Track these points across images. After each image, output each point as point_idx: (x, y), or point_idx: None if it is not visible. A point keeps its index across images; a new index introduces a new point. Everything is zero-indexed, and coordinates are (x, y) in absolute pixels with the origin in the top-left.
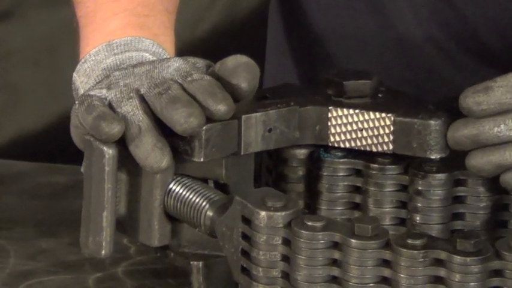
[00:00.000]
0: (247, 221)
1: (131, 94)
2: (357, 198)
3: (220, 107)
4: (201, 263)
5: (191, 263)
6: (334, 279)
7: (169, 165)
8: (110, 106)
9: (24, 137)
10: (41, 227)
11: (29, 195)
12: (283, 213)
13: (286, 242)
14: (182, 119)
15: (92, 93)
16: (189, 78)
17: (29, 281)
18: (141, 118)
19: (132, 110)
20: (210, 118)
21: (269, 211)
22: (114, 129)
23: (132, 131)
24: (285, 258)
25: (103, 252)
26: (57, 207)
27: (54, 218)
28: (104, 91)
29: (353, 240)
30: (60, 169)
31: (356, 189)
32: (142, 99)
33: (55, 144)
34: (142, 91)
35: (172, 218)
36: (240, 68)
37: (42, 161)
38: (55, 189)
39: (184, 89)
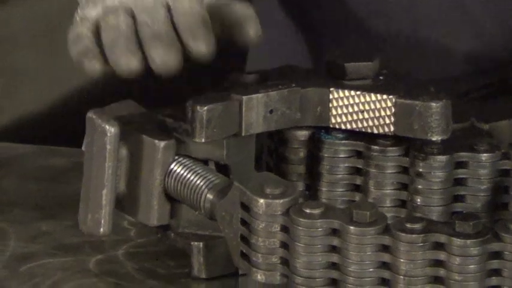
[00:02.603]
0: (246, 207)
1: (119, 11)
2: (358, 180)
3: (201, 46)
4: (201, 244)
5: (191, 243)
6: (333, 265)
7: (139, 69)
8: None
9: (25, 120)
10: (41, 210)
11: (29, 177)
12: (282, 200)
13: (285, 229)
14: (158, 60)
15: (84, 14)
16: (179, 5)
17: (30, 263)
18: (120, 24)
19: (116, 19)
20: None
21: (267, 199)
22: (95, 65)
23: (108, 33)
24: (284, 245)
25: (101, 230)
26: (58, 189)
27: (54, 201)
28: (95, 10)
29: (351, 227)
30: (60, 152)
31: (357, 171)
32: (130, 15)
33: (55, 127)
34: (131, 11)
35: (172, 199)
36: (248, 17)
37: (43, 144)
38: (55, 171)
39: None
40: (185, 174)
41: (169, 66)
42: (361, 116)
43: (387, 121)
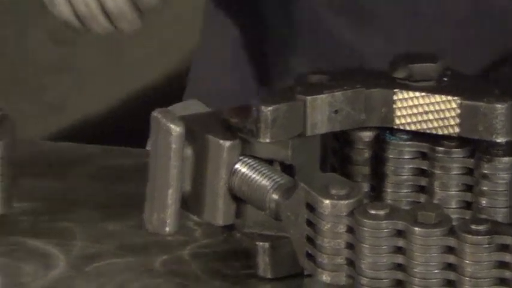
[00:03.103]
0: (311, 207)
1: None
2: (423, 181)
3: None
4: (267, 244)
5: (257, 243)
6: (398, 266)
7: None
8: None
9: (91, 120)
10: (107, 210)
11: (95, 178)
12: (347, 201)
13: (350, 229)
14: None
15: None
16: None
17: (96, 263)
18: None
19: None
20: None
21: (333, 199)
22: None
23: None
24: (350, 246)
25: (167, 229)
26: (123, 189)
27: (120, 201)
28: None
29: (416, 228)
30: (125, 152)
31: (422, 172)
32: None
33: (121, 127)
34: None
35: (238, 198)
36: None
37: (108, 144)
38: (121, 171)
39: None
40: (250, 174)
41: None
42: (425, 117)
43: (452, 122)
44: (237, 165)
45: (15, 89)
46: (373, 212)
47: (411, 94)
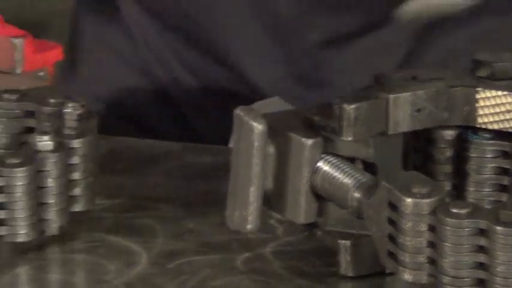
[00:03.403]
0: (393, 206)
1: None
2: (505, 180)
3: None
4: (349, 242)
5: (339, 242)
6: (480, 265)
7: None
8: None
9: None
10: (188, 207)
11: (177, 175)
12: (429, 200)
13: (432, 228)
14: None
15: None
16: None
17: (178, 260)
18: None
19: None
20: None
21: (415, 198)
22: None
23: None
24: (431, 245)
25: (248, 226)
26: (205, 187)
27: (201, 198)
28: None
29: (498, 227)
30: (208, 149)
31: (504, 171)
32: None
33: (204, 125)
34: None
35: (320, 196)
36: None
37: (191, 141)
38: (203, 169)
39: None
40: (332, 172)
41: None
42: (508, 116)
43: None
44: (319, 163)
45: None
46: (455, 210)
47: (494, 93)
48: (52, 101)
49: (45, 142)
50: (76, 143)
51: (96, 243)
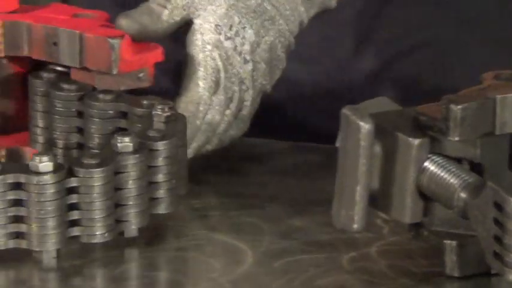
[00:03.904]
0: (499, 207)
1: None
2: None
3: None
4: (454, 243)
5: (444, 242)
6: None
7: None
8: None
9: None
10: (295, 206)
11: (284, 174)
12: None
13: None
14: None
15: None
16: None
17: (284, 259)
18: None
19: None
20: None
21: None
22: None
23: None
24: None
25: (355, 226)
26: (311, 186)
27: (308, 197)
28: None
29: None
30: (315, 148)
31: None
32: None
33: (311, 124)
34: None
35: (426, 196)
36: None
37: (298, 140)
38: (310, 168)
39: None
40: (439, 172)
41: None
42: None
43: None
44: (426, 163)
45: None
46: None
47: None
48: (144, 102)
49: (125, 143)
50: (160, 145)
51: (202, 241)
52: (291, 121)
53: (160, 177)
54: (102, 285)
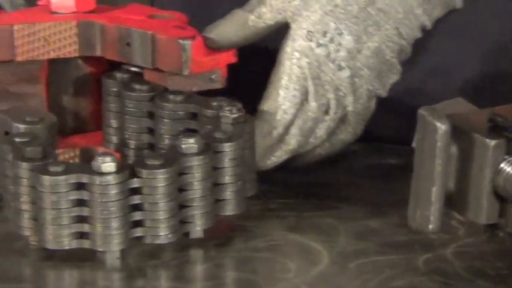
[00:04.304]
0: None
1: None
2: None
3: None
4: None
5: None
6: None
7: None
8: None
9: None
10: (370, 207)
11: (360, 175)
12: None
13: None
14: None
15: None
16: None
17: (359, 260)
18: None
19: None
20: None
21: None
22: None
23: None
24: None
25: (430, 226)
26: (387, 187)
27: (383, 198)
28: None
29: None
30: (391, 150)
31: None
32: None
33: (386, 126)
34: None
35: (501, 197)
36: None
37: (374, 142)
38: (386, 169)
39: None
40: None
41: None
42: None
43: None
44: (502, 165)
45: None
46: None
47: None
48: (214, 103)
49: (189, 145)
50: (226, 147)
51: (277, 241)
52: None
53: (226, 178)
54: (166, 286)
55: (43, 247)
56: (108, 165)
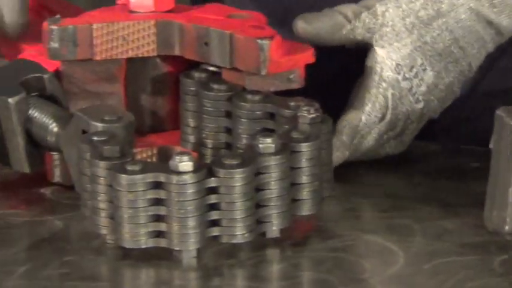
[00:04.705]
0: None
1: None
2: None
3: None
4: None
5: None
6: None
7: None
8: None
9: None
10: (446, 207)
11: (436, 175)
12: None
13: None
14: None
15: None
16: None
17: (435, 260)
18: None
19: None
20: None
21: None
22: None
23: None
24: None
25: (507, 227)
26: (463, 188)
27: (459, 199)
28: None
29: None
30: (467, 151)
31: None
32: None
33: (460, 126)
34: None
35: None
36: None
37: (453, 142)
38: (462, 170)
39: None
40: None
41: None
42: None
43: None
44: None
45: None
46: None
47: None
48: (291, 103)
49: (267, 144)
50: (303, 147)
51: (353, 242)
52: (444, 123)
53: (303, 178)
54: (242, 285)
55: (120, 245)
56: (185, 164)
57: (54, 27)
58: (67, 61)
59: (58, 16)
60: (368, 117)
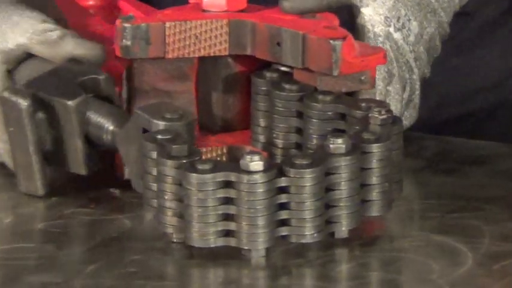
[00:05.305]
0: None
1: None
2: None
3: None
4: None
5: None
6: None
7: None
8: None
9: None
10: None
11: (504, 176)
12: None
13: None
14: None
15: None
16: None
17: (504, 261)
18: None
19: None
20: None
21: None
22: None
23: None
24: None
25: None
26: None
27: None
28: None
29: None
30: None
31: None
32: None
33: None
34: None
35: None
36: None
37: None
38: None
39: None
40: None
41: None
42: None
43: None
44: None
45: None
46: None
47: None
48: (362, 104)
49: (337, 145)
50: (373, 148)
51: (422, 242)
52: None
53: (373, 179)
54: (311, 285)
55: (188, 244)
56: (256, 163)
57: (127, 25)
58: (139, 59)
59: (131, 14)
60: (378, 73)
